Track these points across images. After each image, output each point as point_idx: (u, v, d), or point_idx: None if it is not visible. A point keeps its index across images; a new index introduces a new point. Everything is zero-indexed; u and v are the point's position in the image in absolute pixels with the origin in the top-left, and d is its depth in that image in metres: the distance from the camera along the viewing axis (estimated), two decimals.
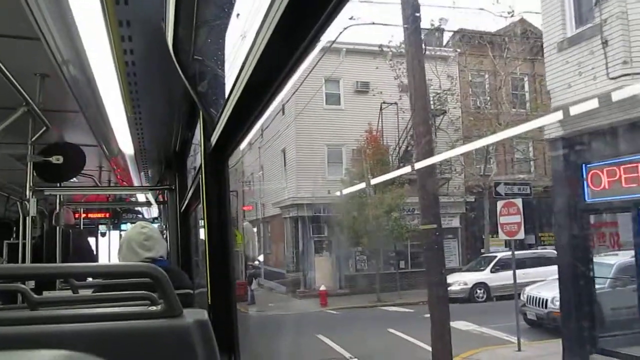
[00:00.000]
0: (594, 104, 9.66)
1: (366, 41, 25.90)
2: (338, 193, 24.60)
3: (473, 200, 26.50)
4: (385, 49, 24.59)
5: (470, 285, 21.47)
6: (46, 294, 3.98)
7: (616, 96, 9.46)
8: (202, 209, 2.44)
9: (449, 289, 18.68)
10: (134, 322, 1.33)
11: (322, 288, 22.69)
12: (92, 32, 2.39)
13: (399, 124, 26.25)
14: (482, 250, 25.64)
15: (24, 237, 4.79)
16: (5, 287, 1.81)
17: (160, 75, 2.84)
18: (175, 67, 2.15)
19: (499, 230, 14.14)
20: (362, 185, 23.47)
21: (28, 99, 3.49)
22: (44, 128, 4.04)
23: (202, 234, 2.46)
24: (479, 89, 26.86)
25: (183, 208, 4.95)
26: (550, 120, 11.95)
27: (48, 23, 2.38)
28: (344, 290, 24.98)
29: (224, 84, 2.19)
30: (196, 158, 4.11)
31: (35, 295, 1.53)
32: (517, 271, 14.07)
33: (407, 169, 24.70)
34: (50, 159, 4.56)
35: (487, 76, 26.48)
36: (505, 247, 22.49)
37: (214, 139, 2.11)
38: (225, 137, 1.97)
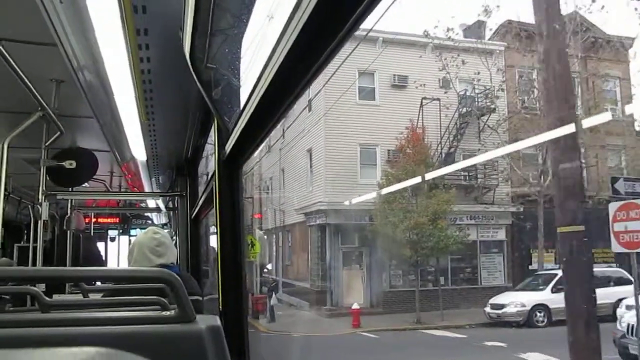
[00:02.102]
0: None
1: (405, 30, 24.12)
2: (373, 198, 22.24)
3: (521, 210, 23.87)
4: (429, 38, 23.13)
5: (528, 307, 18.65)
6: (56, 297, 4.00)
7: None
8: (214, 216, 2.45)
9: (502, 310, 18.68)
10: (148, 327, 1.34)
11: (355, 306, 19.95)
12: (109, 39, 2.43)
13: (441, 122, 24.14)
14: (530, 267, 23.41)
15: (35, 241, 4.82)
16: (18, 290, 1.82)
17: (176, 83, 2.87)
18: (191, 75, 2.17)
19: (613, 240, 10.42)
20: (402, 189, 21.26)
21: (43, 103, 3.53)
22: (58, 133, 4.08)
23: (213, 241, 2.47)
24: (527, 87, 24.37)
25: (194, 215, 4.97)
26: None
27: (65, 29, 2.41)
28: (377, 309, 22.34)
29: (239, 92, 2.20)
30: (208, 165, 4.13)
31: (47, 298, 1.55)
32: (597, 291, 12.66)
33: (462, 164, 23.79)
34: (64, 163, 4.61)
35: (536, 72, 23.45)
36: (556, 264, 20.80)
37: (228, 146, 2.12)
38: (240, 145, 1.98)
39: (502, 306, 18.90)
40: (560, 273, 16.75)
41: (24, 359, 0.98)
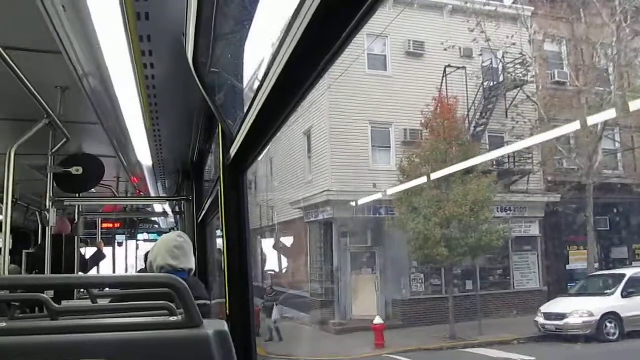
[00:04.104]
0: None
1: None
2: (393, 186, 18.49)
3: (558, 200, 19.85)
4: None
5: (597, 317, 14.89)
6: (65, 303, 4.02)
7: None
8: (220, 220, 2.46)
9: (564, 322, 15.11)
10: (155, 332, 1.35)
11: (377, 321, 15.88)
12: (113, 46, 2.44)
13: (468, 94, 20.38)
14: (568, 267, 20.50)
15: (43, 247, 4.84)
16: (27, 297, 1.84)
17: (180, 88, 2.88)
18: (195, 80, 2.18)
19: None
20: (427, 175, 17.44)
21: (49, 111, 3.55)
22: (64, 139, 4.11)
23: (219, 244, 2.48)
24: (557, 59, 21.34)
25: (200, 219, 4.98)
26: None
27: (70, 37, 2.43)
28: (395, 322, 17.98)
29: (243, 96, 2.21)
30: (213, 169, 4.15)
31: (56, 305, 1.56)
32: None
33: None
34: (70, 170, 4.64)
35: (566, 44, 20.94)
36: (595, 262, 18.93)
37: (233, 151, 2.13)
38: (244, 149, 1.99)
39: (562, 316, 15.31)
40: (629, 273, 16.11)
41: None
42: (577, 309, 15.30)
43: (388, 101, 19.74)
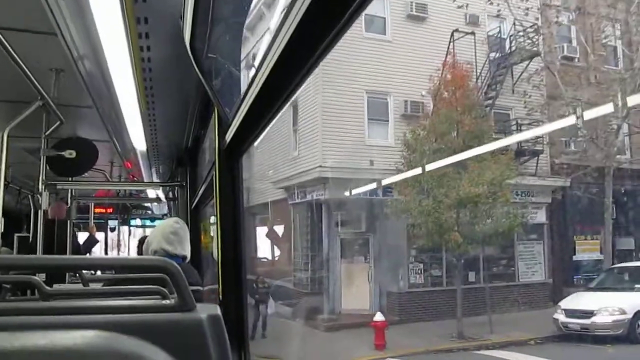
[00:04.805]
0: None
1: None
2: (395, 163, 16.39)
3: (568, 184, 18.07)
4: None
5: (630, 315, 13.07)
6: (56, 286, 4.01)
7: None
8: (214, 205, 2.45)
9: (591, 320, 13.24)
10: (147, 315, 1.34)
11: (379, 317, 13.52)
12: (109, 28, 2.42)
13: (476, 62, 18.20)
14: (574, 258, 18.83)
15: (35, 230, 4.83)
16: (18, 279, 1.83)
17: (176, 72, 2.86)
18: (192, 64, 2.16)
19: None
20: (441, 148, 15.55)
21: (43, 93, 3.53)
22: (58, 122, 4.08)
23: (213, 231, 2.48)
24: (566, 32, 19.43)
25: (194, 205, 4.97)
26: None
27: (65, 18, 2.40)
28: (390, 317, 15.17)
29: (239, 81, 2.20)
30: (208, 155, 4.13)
31: (48, 287, 1.55)
32: None
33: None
34: (64, 153, 4.61)
35: (573, 15, 18.90)
36: (601, 253, 17.93)
37: (229, 136, 2.12)
38: (240, 134, 1.98)
39: (588, 313, 13.45)
40: None
41: (23, 342, 0.98)
42: (606, 306, 13.42)
43: (386, 68, 17.56)
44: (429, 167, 15.17)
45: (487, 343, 13.63)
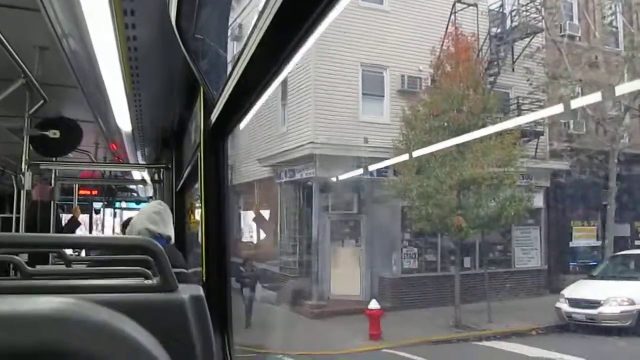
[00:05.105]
0: None
1: None
2: (393, 141, 15.53)
3: (567, 167, 17.28)
4: None
5: (639, 305, 12.48)
6: (39, 267, 3.98)
7: None
8: (199, 186, 2.44)
9: (597, 310, 12.52)
10: (129, 295, 1.33)
11: (374, 305, 12.74)
12: (93, 5, 2.38)
13: (478, 36, 16.73)
14: (571, 244, 18.12)
15: (18, 211, 4.79)
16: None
17: (162, 52, 2.83)
18: (178, 44, 2.14)
19: None
20: (442, 125, 14.68)
21: (27, 71, 3.48)
22: (42, 101, 4.03)
23: (198, 213, 2.47)
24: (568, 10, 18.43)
25: (179, 187, 4.95)
26: None
27: None
28: (382, 304, 13.54)
29: (226, 61, 2.18)
30: (194, 137, 4.11)
31: (29, 268, 1.53)
32: None
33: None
34: (47, 132, 4.58)
35: None
36: (597, 239, 17.64)
37: (214, 116, 2.10)
38: (225, 115, 1.97)
39: (595, 303, 12.74)
40: None
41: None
42: (614, 296, 12.68)
43: (383, 40, 16.51)
44: (431, 146, 14.32)
45: (487, 333, 12.96)
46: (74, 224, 7.81)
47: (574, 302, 13.14)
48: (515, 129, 15.38)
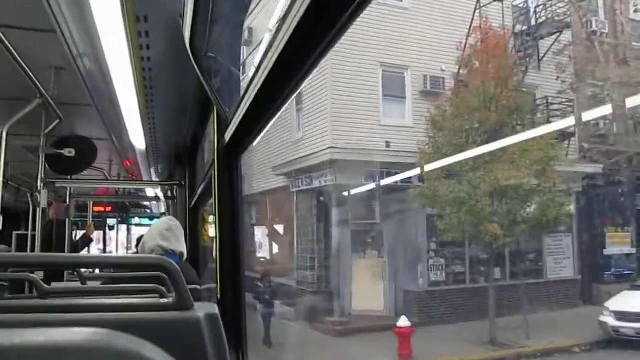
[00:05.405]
0: None
1: None
2: (418, 144, 14.35)
3: (600, 170, 16.43)
4: None
5: None
6: (54, 285, 4.01)
7: None
8: (213, 204, 2.45)
9: None
10: (145, 314, 1.34)
11: (403, 323, 11.67)
12: (109, 26, 2.41)
13: (504, 29, 15.37)
14: (605, 252, 17.14)
15: (34, 229, 4.83)
16: (16, 277, 1.82)
17: (175, 71, 2.86)
18: (191, 63, 2.16)
19: None
20: (473, 128, 13.56)
21: (42, 91, 3.53)
22: (57, 120, 4.08)
23: (212, 230, 2.48)
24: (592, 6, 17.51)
25: (192, 204, 4.97)
26: None
27: (65, 16, 2.40)
28: (410, 319, 12.26)
29: (239, 79, 2.20)
30: (207, 154, 4.13)
31: (45, 285, 1.55)
32: None
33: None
34: (63, 151, 4.62)
35: None
36: (632, 247, 16.86)
37: (228, 135, 2.12)
38: (239, 133, 1.98)
39: None
40: None
41: (21, 339, 0.98)
42: None
43: (403, 39, 15.76)
44: (467, 150, 13.28)
45: (527, 351, 11.90)
46: (87, 239, 7.85)
47: (621, 316, 12.08)
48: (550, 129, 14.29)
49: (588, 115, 15.77)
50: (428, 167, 13.78)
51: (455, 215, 13.06)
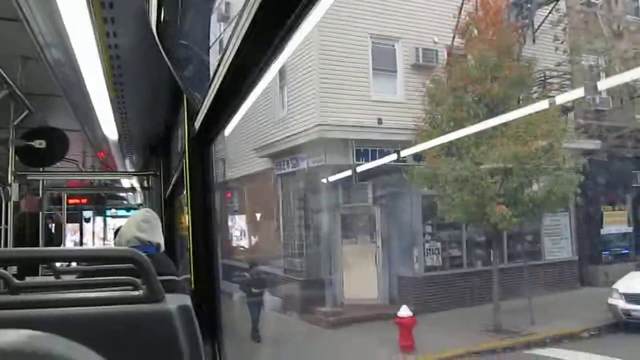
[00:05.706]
0: None
1: None
2: (414, 119, 13.54)
3: (598, 147, 15.65)
4: None
5: None
6: (29, 279, 3.95)
7: None
8: (185, 193, 2.43)
9: None
10: (117, 307, 1.32)
11: (404, 312, 10.79)
12: (74, 14, 2.36)
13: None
14: (602, 232, 16.54)
15: (6, 222, 4.74)
16: None
17: (145, 59, 2.81)
18: (159, 50, 2.12)
19: None
20: (474, 100, 12.66)
21: (9, 81, 3.45)
22: (27, 112, 4.00)
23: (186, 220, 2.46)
24: None
25: (168, 194, 4.93)
26: None
27: (29, 4, 2.34)
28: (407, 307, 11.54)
29: (208, 67, 2.16)
30: (180, 143, 4.09)
31: (16, 280, 1.52)
32: None
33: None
34: (33, 143, 4.53)
35: None
36: (629, 225, 16.62)
37: (197, 123, 2.09)
38: (209, 121, 1.95)
39: None
40: None
41: None
42: None
43: (394, 9, 14.80)
44: (460, 119, 12.42)
45: (534, 339, 10.99)
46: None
47: (632, 298, 11.35)
48: (552, 102, 12.63)
49: (603, 85, 14.70)
50: (426, 144, 12.80)
51: (457, 195, 12.13)
